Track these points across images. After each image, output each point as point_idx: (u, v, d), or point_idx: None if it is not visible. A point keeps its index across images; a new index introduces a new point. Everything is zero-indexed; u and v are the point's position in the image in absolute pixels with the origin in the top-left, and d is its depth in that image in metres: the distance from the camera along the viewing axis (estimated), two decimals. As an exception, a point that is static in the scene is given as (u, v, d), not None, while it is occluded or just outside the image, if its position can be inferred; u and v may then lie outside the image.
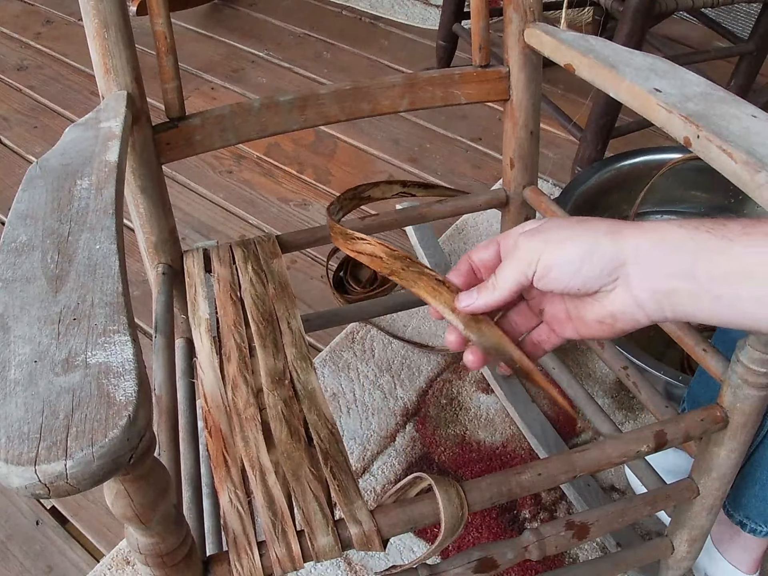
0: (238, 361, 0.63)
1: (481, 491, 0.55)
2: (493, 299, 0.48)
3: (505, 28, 0.76)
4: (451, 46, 1.81)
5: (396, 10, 2.25)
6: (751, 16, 2.02)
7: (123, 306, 0.40)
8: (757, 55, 1.57)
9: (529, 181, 0.84)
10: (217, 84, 1.93)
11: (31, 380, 0.35)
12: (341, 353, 1.21)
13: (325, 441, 0.57)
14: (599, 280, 0.44)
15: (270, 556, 0.51)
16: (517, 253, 0.46)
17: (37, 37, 2.13)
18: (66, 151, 0.56)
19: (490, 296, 0.48)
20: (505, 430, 1.11)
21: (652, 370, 0.99)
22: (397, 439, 1.09)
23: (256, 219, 1.51)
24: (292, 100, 0.73)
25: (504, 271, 0.47)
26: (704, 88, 0.59)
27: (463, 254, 1.38)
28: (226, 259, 0.74)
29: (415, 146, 1.70)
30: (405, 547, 0.97)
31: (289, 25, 2.19)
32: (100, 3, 0.62)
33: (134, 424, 0.34)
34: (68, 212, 0.48)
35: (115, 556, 0.96)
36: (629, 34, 1.27)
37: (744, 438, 0.63)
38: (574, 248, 0.44)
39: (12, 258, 0.44)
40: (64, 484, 0.32)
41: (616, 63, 0.64)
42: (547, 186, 1.55)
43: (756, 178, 0.49)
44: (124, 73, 0.65)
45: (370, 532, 0.52)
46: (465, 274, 0.52)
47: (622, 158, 1.34)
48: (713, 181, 1.26)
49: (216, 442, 0.57)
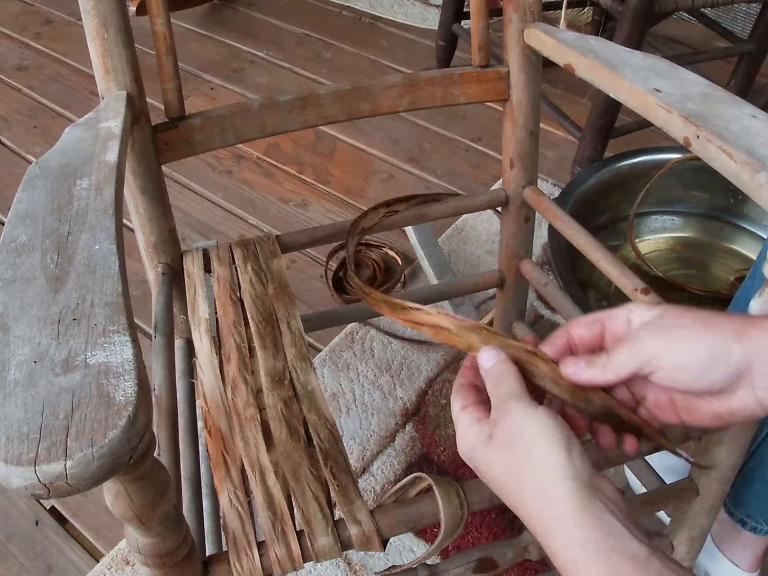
0: (237, 362, 0.63)
1: (481, 491, 0.55)
2: (601, 377, 0.46)
3: (505, 28, 0.76)
4: (450, 46, 1.81)
5: (396, 10, 2.25)
6: (750, 16, 2.02)
7: (123, 306, 0.40)
8: (757, 55, 1.57)
9: (529, 181, 0.84)
10: (217, 84, 1.93)
11: (30, 380, 0.35)
12: (341, 353, 1.21)
13: (325, 441, 0.57)
14: (726, 383, 0.43)
15: (270, 556, 0.51)
16: (638, 344, 0.44)
17: (37, 37, 2.13)
18: (66, 151, 0.56)
19: (599, 374, 0.46)
20: (504, 430, 1.11)
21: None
22: (396, 439, 1.09)
23: (255, 219, 1.51)
24: (291, 100, 0.73)
25: (620, 355, 0.45)
26: (704, 89, 0.59)
27: (462, 255, 1.39)
28: (225, 259, 0.74)
29: (414, 146, 1.70)
30: (405, 547, 0.97)
31: (288, 25, 2.19)
32: (100, 3, 0.62)
33: (134, 424, 0.34)
34: (68, 212, 0.48)
35: (114, 556, 0.96)
36: (629, 34, 1.27)
37: (744, 438, 0.63)
38: (703, 350, 0.42)
39: (12, 258, 0.44)
40: (63, 485, 0.32)
41: (616, 63, 0.64)
42: (547, 186, 1.55)
43: (756, 178, 0.49)
44: (123, 73, 0.65)
45: (370, 532, 0.52)
46: (561, 348, 0.49)
47: (622, 158, 1.34)
48: (713, 181, 1.26)
49: (216, 442, 0.57)
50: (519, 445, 0.42)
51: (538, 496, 0.41)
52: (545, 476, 0.41)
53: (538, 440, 0.42)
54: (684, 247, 1.39)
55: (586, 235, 0.77)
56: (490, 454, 0.44)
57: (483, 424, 0.45)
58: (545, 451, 0.41)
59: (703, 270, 1.35)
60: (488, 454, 0.44)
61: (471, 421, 0.46)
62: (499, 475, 0.43)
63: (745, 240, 1.36)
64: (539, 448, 0.41)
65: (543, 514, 0.40)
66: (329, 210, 1.53)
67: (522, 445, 0.42)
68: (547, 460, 0.41)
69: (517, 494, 0.42)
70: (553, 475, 0.40)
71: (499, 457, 0.43)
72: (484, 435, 0.44)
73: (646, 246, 1.38)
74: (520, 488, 0.42)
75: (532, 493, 0.41)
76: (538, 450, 0.41)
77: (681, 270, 1.34)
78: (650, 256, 1.35)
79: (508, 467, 0.43)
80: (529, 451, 0.42)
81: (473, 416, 0.46)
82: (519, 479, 0.42)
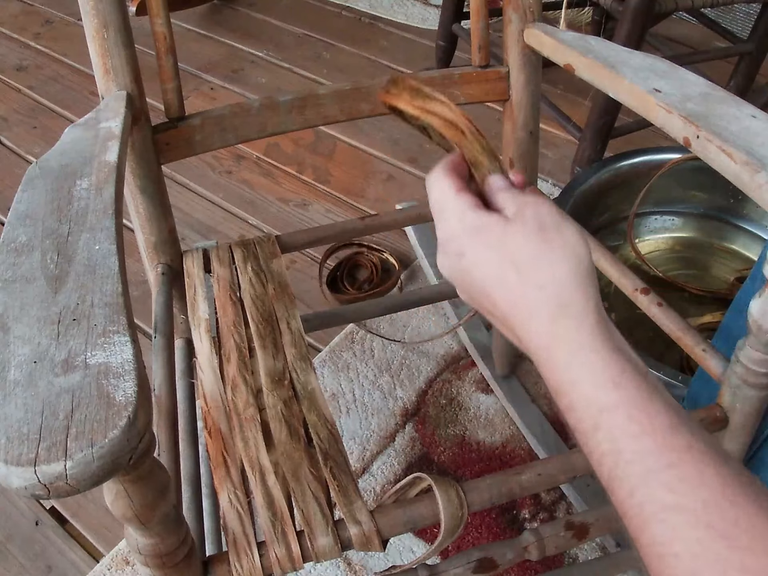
0: (237, 362, 0.63)
1: (481, 491, 0.55)
2: None
3: (505, 29, 0.76)
4: (450, 46, 1.81)
5: (395, 10, 2.25)
6: (750, 16, 2.02)
7: (123, 306, 0.40)
8: (757, 55, 1.57)
9: (529, 181, 0.84)
10: (217, 84, 1.93)
11: (30, 381, 0.35)
12: (341, 353, 1.21)
13: (325, 441, 0.57)
14: None
15: (269, 557, 0.51)
16: None
17: (37, 38, 2.13)
18: (65, 151, 0.56)
19: None
20: (504, 430, 1.11)
21: (651, 370, 0.98)
22: (396, 440, 1.09)
23: (255, 219, 1.51)
24: (291, 100, 0.73)
25: None
26: (704, 89, 0.59)
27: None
28: (225, 259, 0.74)
29: (414, 146, 1.70)
30: (405, 548, 0.97)
31: (288, 26, 2.19)
32: (100, 3, 0.62)
33: (134, 424, 0.34)
34: (68, 213, 0.48)
35: (114, 556, 0.96)
36: (629, 34, 1.27)
37: (744, 439, 0.63)
38: None
39: (12, 258, 0.44)
40: (63, 485, 0.32)
41: (616, 63, 0.64)
42: (547, 186, 1.55)
43: (756, 178, 0.49)
44: (123, 73, 0.65)
45: (370, 533, 0.52)
46: None
47: (622, 158, 1.34)
48: (713, 181, 1.26)
49: (215, 443, 0.57)
50: (554, 234, 0.41)
51: (561, 286, 0.40)
52: (574, 274, 0.40)
53: (576, 237, 0.41)
54: (684, 247, 1.39)
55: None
56: (514, 232, 0.41)
57: (493, 214, 0.43)
58: (583, 251, 0.40)
59: (703, 270, 1.35)
60: (509, 233, 0.41)
61: (473, 203, 0.43)
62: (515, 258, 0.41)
63: (745, 240, 1.36)
64: (577, 243, 0.41)
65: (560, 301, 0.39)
66: (329, 210, 1.53)
67: (558, 236, 0.41)
68: (581, 260, 0.40)
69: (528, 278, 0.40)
70: (584, 273, 0.40)
71: (524, 237, 0.41)
72: (497, 218, 0.42)
73: (646, 246, 1.38)
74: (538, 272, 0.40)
75: (554, 281, 0.40)
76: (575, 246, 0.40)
77: (681, 270, 1.34)
78: (650, 256, 1.35)
79: (534, 248, 0.40)
80: (565, 242, 0.40)
81: (475, 201, 0.44)
82: (540, 264, 0.40)
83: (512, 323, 0.41)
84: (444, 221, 0.44)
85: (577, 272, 0.40)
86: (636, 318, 1.17)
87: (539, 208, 0.42)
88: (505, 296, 0.41)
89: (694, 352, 0.64)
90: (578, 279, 0.40)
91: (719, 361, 0.62)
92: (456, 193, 0.44)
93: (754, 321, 0.54)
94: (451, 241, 0.43)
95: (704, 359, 0.63)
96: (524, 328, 0.40)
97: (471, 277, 0.43)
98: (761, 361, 0.56)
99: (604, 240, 1.30)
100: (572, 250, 0.40)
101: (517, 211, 0.42)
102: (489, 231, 0.42)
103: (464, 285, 0.44)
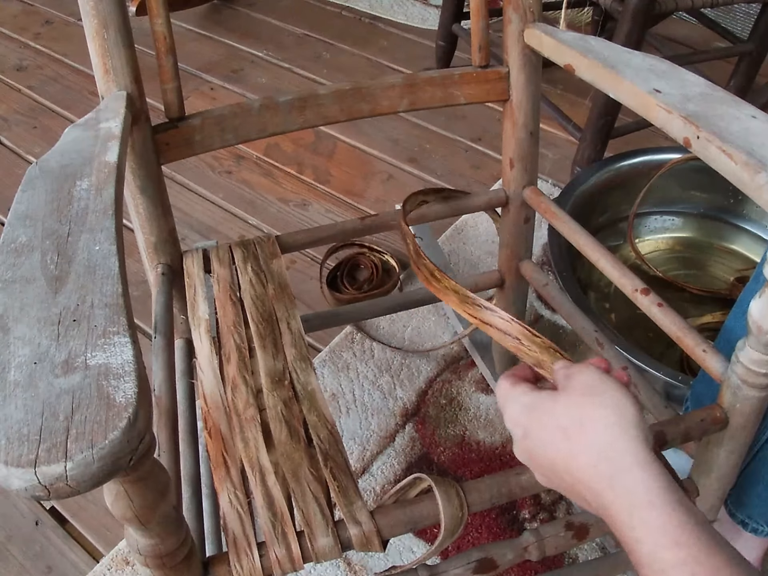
0: (237, 362, 0.63)
1: (481, 492, 0.55)
2: None
3: (505, 29, 0.76)
4: (450, 46, 1.81)
5: (395, 10, 2.25)
6: (750, 16, 2.02)
7: (123, 307, 0.40)
8: (757, 55, 1.57)
9: (529, 181, 0.84)
10: (217, 84, 1.93)
11: (30, 382, 0.35)
12: (341, 354, 1.21)
13: (325, 441, 0.57)
14: None
15: (270, 557, 0.51)
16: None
17: (37, 38, 2.13)
18: (65, 151, 0.56)
19: None
20: (504, 430, 1.11)
21: (651, 371, 0.99)
22: (396, 440, 1.09)
23: (255, 219, 1.51)
24: (291, 100, 0.73)
25: None
26: (704, 89, 0.59)
27: (462, 255, 1.38)
28: (225, 259, 0.74)
29: (414, 146, 1.70)
30: (405, 548, 0.97)
31: (288, 26, 2.19)
32: (100, 3, 0.62)
33: (134, 425, 0.34)
34: (68, 213, 0.48)
35: (114, 556, 0.96)
36: (628, 34, 1.27)
37: (744, 439, 0.63)
38: None
39: (12, 259, 0.44)
40: (63, 486, 0.32)
41: (616, 63, 0.64)
42: (547, 186, 1.55)
43: (756, 178, 0.49)
44: (123, 73, 0.65)
45: (370, 533, 0.52)
46: None
47: (622, 158, 1.34)
48: (713, 182, 1.26)
49: (215, 443, 0.57)
50: (595, 394, 0.43)
51: (607, 444, 0.41)
52: (618, 428, 0.42)
53: (618, 394, 0.43)
54: (684, 248, 1.39)
55: (586, 235, 0.77)
56: (561, 401, 0.44)
57: (544, 391, 0.46)
58: (625, 405, 0.42)
59: (703, 270, 1.35)
60: (558, 403, 0.44)
61: (527, 388, 0.47)
62: (563, 425, 0.43)
63: (745, 240, 1.36)
64: (619, 399, 0.42)
65: (609, 459, 0.41)
66: (329, 210, 1.53)
67: (598, 395, 0.43)
68: (623, 413, 0.42)
69: (578, 441, 0.42)
70: (627, 426, 0.41)
71: (569, 404, 0.44)
72: (547, 394, 0.45)
73: (646, 246, 1.38)
74: (585, 434, 0.42)
75: (599, 441, 0.42)
76: (617, 401, 0.42)
77: (681, 270, 1.34)
78: (650, 257, 1.35)
79: (579, 412, 0.43)
80: (605, 399, 0.43)
81: (529, 386, 0.47)
82: (586, 426, 0.42)
83: (578, 489, 0.43)
84: (506, 413, 0.48)
85: (622, 426, 0.42)
86: (636, 318, 1.17)
87: (583, 375, 0.45)
88: (564, 465, 0.43)
89: (695, 352, 0.64)
90: (624, 432, 0.42)
91: (719, 361, 0.62)
92: (512, 386, 0.48)
93: (754, 322, 0.54)
94: (516, 427, 0.47)
95: (704, 360, 0.63)
96: (587, 491, 0.42)
97: (535, 454, 0.46)
98: (761, 362, 0.56)
99: (604, 240, 1.30)
100: (615, 407, 0.42)
101: (566, 383, 0.45)
102: (541, 407, 0.45)
103: (534, 464, 0.47)
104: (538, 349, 0.50)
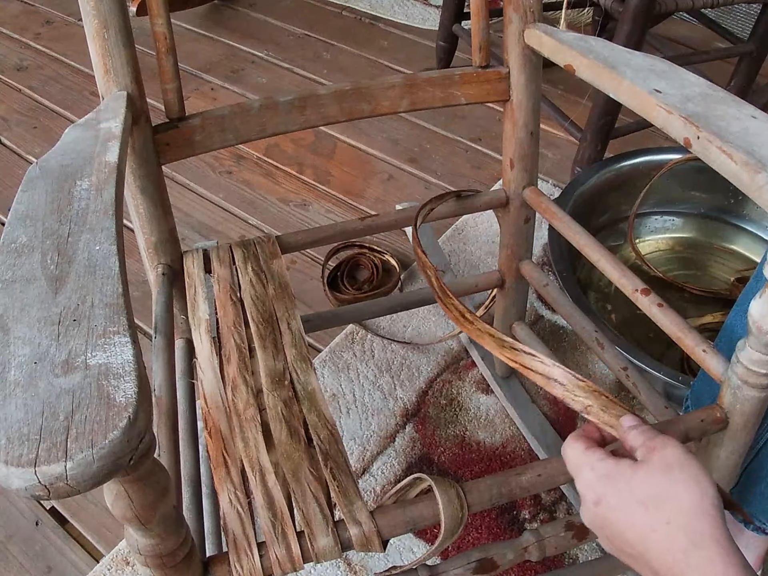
0: (237, 362, 0.63)
1: (481, 492, 0.55)
2: None
3: (505, 29, 0.76)
4: (450, 46, 1.81)
5: (396, 10, 2.25)
6: (751, 16, 2.02)
7: (123, 307, 0.40)
8: (757, 55, 1.57)
9: (529, 181, 0.84)
10: (217, 84, 1.93)
11: (31, 381, 0.35)
12: (341, 354, 1.21)
13: (325, 442, 0.57)
14: None
15: (270, 557, 0.51)
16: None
17: (37, 38, 2.13)
18: (66, 151, 0.56)
19: None
20: (504, 430, 1.11)
21: (651, 371, 0.99)
22: (396, 440, 1.09)
23: (255, 219, 1.51)
24: (291, 100, 0.73)
25: None
26: (704, 89, 0.59)
27: (462, 255, 1.39)
28: (225, 259, 0.74)
29: (414, 146, 1.70)
30: (405, 548, 0.97)
31: (288, 26, 2.19)
32: (100, 3, 0.62)
33: (134, 425, 0.34)
34: (68, 213, 0.48)
35: (114, 556, 0.96)
36: (629, 34, 1.27)
37: (744, 439, 0.63)
38: None
39: (12, 259, 0.44)
40: (63, 486, 0.32)
41: (616, 63, 0.64)
42: (547, 186, 1.55)
43: (756, 179, 0.49)
44: (123, 73, 0.65)
45: (370, 533, 0.52)
46: None
47: (622, 159, 1.34)
48: (713, 182, 1.26)
49: (216, 443, 0.57)
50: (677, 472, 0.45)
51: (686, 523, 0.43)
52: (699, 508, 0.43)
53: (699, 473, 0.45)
54: (684, 248, 1.39)
55: (586, 235, 0.77)
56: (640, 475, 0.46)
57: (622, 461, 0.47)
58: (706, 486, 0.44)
59: (703, 270, 1.35)
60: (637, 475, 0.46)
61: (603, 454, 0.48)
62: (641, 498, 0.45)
63: (745, 240, 1.36)
64: (701, 481, 0.44)
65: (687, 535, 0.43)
66: (329, 210, 1.53)
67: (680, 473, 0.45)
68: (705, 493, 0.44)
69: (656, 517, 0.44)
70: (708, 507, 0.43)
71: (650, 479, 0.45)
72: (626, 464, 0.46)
73: (646, 246, 1.38)
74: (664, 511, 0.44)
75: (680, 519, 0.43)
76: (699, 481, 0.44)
77: (681, 270, 1.34)
78: (650, 257, 1.35)
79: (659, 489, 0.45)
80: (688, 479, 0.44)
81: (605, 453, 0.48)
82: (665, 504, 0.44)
83: (648, 559, 0.44)
84: (580, 476, 0.49)
85: (701, 504, 0.43)
86: (636, 318, 1.17)
87: (665, 450, 0.46)
88: (637, 535, 0.45)
89: (695, 352, 0.64)
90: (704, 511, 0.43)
91: (719, 361, 0.62)
92: (585, 450, 0.49)
93: (754, 322, 0.54)
94: (589, 492, 0.48)
95: (704, 360, 0.63)
96: (659, 562, 0.43)
97: (607, 521, 0.47)
98: (761, 362, 0.56)
99: (605, 240, 1.30)
100: (695, 486, 0.44)
101: (646, 454, 0.46)
102: (619, 477, 0.46)
103: (603, 531, 0.48)
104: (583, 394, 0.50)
